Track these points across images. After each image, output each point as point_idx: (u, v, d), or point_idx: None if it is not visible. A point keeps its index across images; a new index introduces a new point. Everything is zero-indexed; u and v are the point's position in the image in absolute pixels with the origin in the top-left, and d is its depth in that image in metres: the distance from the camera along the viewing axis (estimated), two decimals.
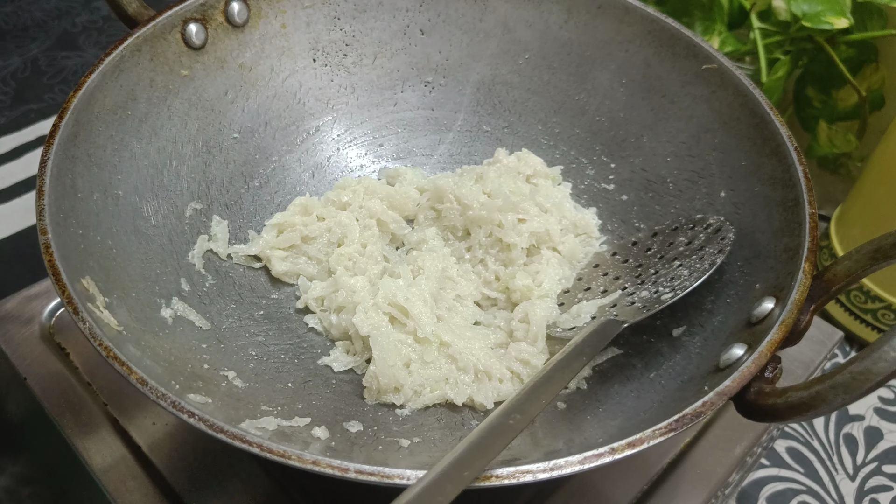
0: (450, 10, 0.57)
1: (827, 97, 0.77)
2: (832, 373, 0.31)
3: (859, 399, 0.31)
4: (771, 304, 0.39)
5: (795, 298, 0.38)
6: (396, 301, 0.46)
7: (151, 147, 0.49)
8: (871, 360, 0.30)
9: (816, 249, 0.40)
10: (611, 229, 0.54)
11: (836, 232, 0.76)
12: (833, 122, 0.77)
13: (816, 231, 0.41)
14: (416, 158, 0.59)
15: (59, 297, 0.36)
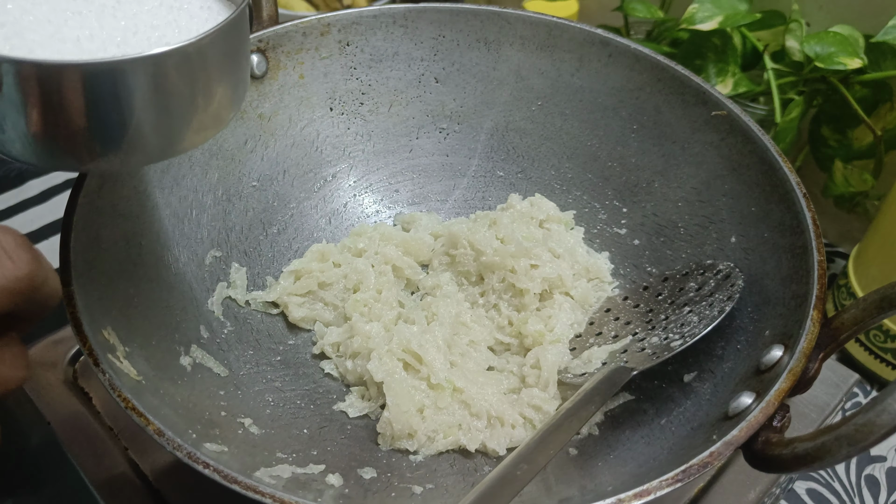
0: (464, 59, 0.58)
1: (842, 136, 0.77)
2: (837, 424, 0.31)
3: (865, 451, 0.31)
4: (779, 352, 0.39)
5: (803, 347, 0.38)
6: (410, 347, 0.47)
7: (173, 196, 0.50)
8: (874, 412, 0.30)
9: (824, 297, 0.40)
10: (623, 273, 0.54)
11: (854, 270, 0.75)
12: (849, 161, 0.77)
13: (825, 279, 0.41)
14: (432, 204, 0.60)
15: (81, 348, 0.38)
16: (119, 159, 0.35)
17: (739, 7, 0.73)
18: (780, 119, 0.74)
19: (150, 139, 0.34)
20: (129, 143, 0.33)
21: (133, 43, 0.34)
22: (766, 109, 0.75)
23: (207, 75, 0.35)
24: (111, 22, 0.35)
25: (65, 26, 0.34)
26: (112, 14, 0.35)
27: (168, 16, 0.36)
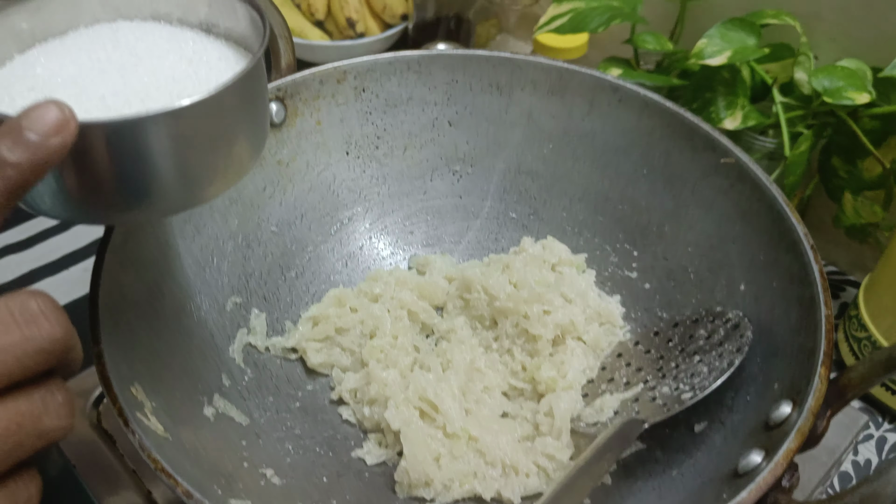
0: (476, 103, 0.60)
1: (852, 167, 0.77)
2: (843, 493, 0.32)
3: None
4: (788, 409, 0.40)
5: (811, 405, 0.39)
6: (427, 396, 0.48)
7: (195, 245, 0.52)
8: (880, 483, 0.31)
9: (832, 353, 0.41)
10: (634, 317, 0.55)
11: (864, 301, 0.76)
12: (859, 191, 0.77)
13: (832, 334, 0.42)
14: (446, 245, 0.61)
15: (111, 406, 0.39)
16: (144, 212, 0.36)
17: (748, 42, 0.73)
18: (789, 152, 0.74)
19: (174, 191, 0.35)
20: (154, 195, 0.35)
21: (155, 97, 0.35)
22: (775, 142, 0.76)
23: (228, 125, 0.36)
24: (134, 78, 0.36)
25: (90, 85, 0.35)
26: (134, 71, 0.36)
27: (187, 69, 0.37)
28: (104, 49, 0.37)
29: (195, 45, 0.39)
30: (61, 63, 0.36)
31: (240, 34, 0.40)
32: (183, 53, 0.38)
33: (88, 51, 0.37)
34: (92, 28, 0.39)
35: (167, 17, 0.41)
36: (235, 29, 0.40)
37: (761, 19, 0.75)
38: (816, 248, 0.47)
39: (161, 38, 0.39)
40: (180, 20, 0.41)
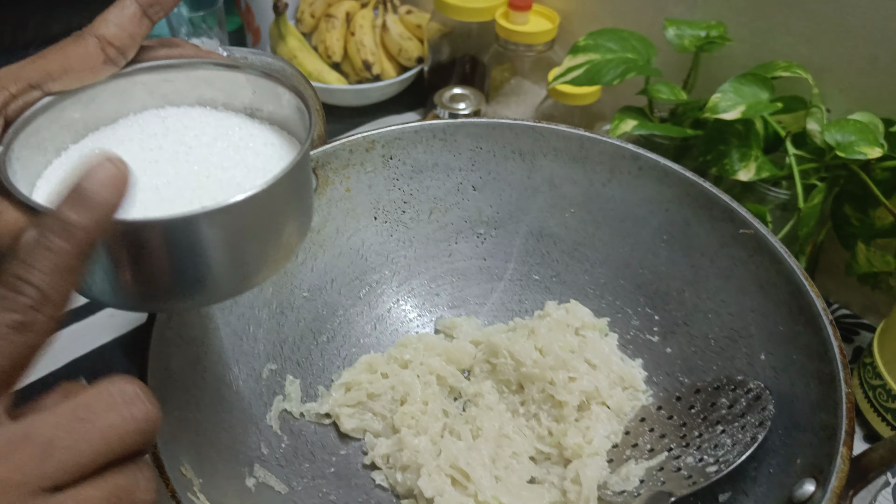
0: (500, 169, 0.61)
1: (864, 216, 0.79)
2: None
3: None
4: (812, 487, 0.42)
5: (834, 486, 0.40)
6: (458, 465, 0.49)
7: (232, 315, 0.54)
8: None
9: (853, 432, 0.43)
10: (656, 381, 0.57)
11: (879, 349, 0.77)
12: (872, 239, 0.79)
13: (853, 412, 0.44)
14: (471, 307, 0.63)
15: (164, 488, 0.41)
16: (195, 302, 0.37)
17: (762, 96, 0.75)
18: (802, 205, 0.76)
19: (226, 281, 0.36)
20: (206, 286, 0.35)
21: (206, 186, 0.36)
22: (788, 193, 0.78)
23: (279, 214, 0.36)
24: (185, 167, 0.37)
25: (143, 176, 0.36)
26: (185, 160, 0.37)
27: (235, 156, 0.39)
28: (154, 138, 0.39)
29: (241, 132, 0.41)
30: (117, 152, 0.38)
31: (282, 118, 0.42)
32: (230, 140, 0.40)
33: (140, 140, 0.39)
34: (141, 115, 0.40)
35: (212, 103, 0.42)
36: (278, 113, 0.42)
37: (772, 72, 0.77)
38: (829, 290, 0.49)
39: (208, 125, 0.40)
40: (225, 105, 0.42)
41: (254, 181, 0.37)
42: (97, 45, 0.36)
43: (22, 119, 0.35)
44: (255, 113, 0.42)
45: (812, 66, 0.76)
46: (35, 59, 0.36)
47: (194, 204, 0.35)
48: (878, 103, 0.75)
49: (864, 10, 0.69)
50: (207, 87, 0.41)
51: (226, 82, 0.41)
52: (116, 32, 0.36)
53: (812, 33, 0.75)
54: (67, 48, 0.36)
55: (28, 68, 0.35)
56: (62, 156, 0.38)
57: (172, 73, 0.40)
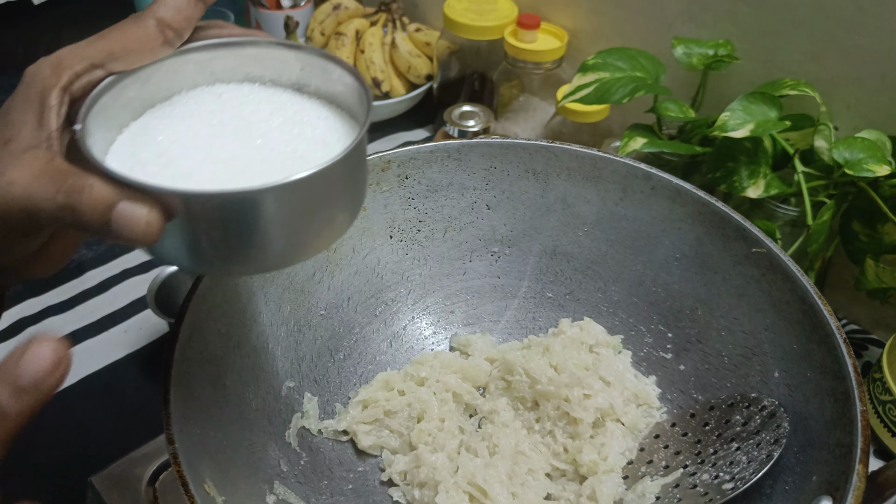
0: (514, 188, 0.62)
1: (873, 231, 0.80)
2: None
3: None
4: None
5: None
6: (476, 481, 0.50)
7: (251, 333, 0.54)
8: None
9: (869, 450, 0.43)
10: (670, 398, 0.58)
11: (888, 364, 0.78)
12: (880, 254, 0.79)
13: (868, 430, 0.44)
14: (485, 324, 0.63)
15: None
16: (256, 267, 0.38)
17: (770, 115, 0.76)
18: (811, 221, 0.77)
19: (284, 251, 0.37)
20: (274, 253, 0.36)
21: (272, 159, 0.37)
22: (797, 210, 0.78)
23: (346, 184, 0.38)
24: (249, 142, 0.38)
25: (211, 150, 0.37)
26: (247, 135, 0.38)
27: (293, 130, 0.39)
28: (213, 114, 0.39)
29: (294, 106, 0.41)
30: (178, 129, 0.38)
31: (331, 92, 0.42)
32: (286, 114, 0.40)
33: (199, 116, 0.39)
34: (193, 92, 0.41)
35: (260, 79, 0.42)
36: (326, 88, 0.42)
37: (780, 90, 0.78)
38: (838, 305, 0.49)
39: (262, 101, 0.41)
40: (273, 81, 0.43)
41: (315, 153, 0.38)
42: (156, 27, 0.37)
43: (90, 98, 0.36)
44: (303, 88, 0.43)
45: (820, 83, 0.77)
46: (97, 38, 0.36)
47: (265, 176, 0.36)
48: (885, 121, 0.76)
49: (871, 28, 0.70)
50: (255, 64, 0.42)
51: (273, 59, 0.42)
52: (174, 15, 0.37)
53: (819, 51, 0.76)
54: (128, 29, 0.37)
55: (91, 48, 0.36)
56: (124, 133, 0.39)
57: (222, 51, 0.41)
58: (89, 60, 0.36)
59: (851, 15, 0.71)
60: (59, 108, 0.35)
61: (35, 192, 0.32)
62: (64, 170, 0.33)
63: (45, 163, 0.33)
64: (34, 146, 0.34)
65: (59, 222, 0.33)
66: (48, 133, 0.35)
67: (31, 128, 0.34)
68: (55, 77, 0.35)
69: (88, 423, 0.74)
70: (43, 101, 0.35)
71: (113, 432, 0.73)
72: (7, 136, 0.34)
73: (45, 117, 0.35)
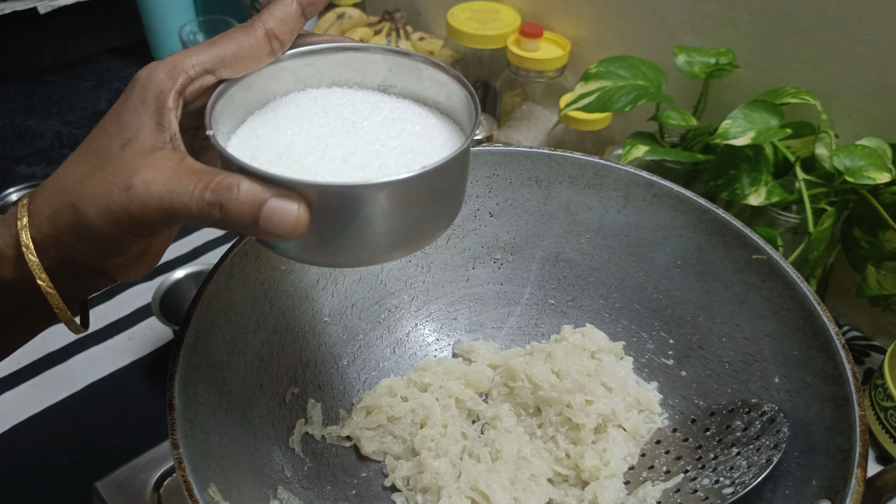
0: (516, 196, 0.63)
1: (874, 238, 0.80)
2: None
3: None
4: None
5: None
6: (478, 487, 0.50)
7: (256, 340, 0.55)
8: None
9: (867, 454, 0.44)
10: (671, 404, 0.58)
11: (889, 370, 0.78)
12: (882, 262, 0.80)
13: (867, 435, 0.44)
14: (488, 331, 0.64)
15: None
16: (373, 258, 0.38)
17: (771, 123, 0.77)
18: (813, 229, 0.77)
19: (396, 244, 0.38)
20: (392, 244, 0.37)
21: (386, 153, 0.38)
22: (798, 218, 0.79)
23: (457, 180, 0.39)
24: (358, 139, 0.39)
25: (327, 149, 0.38)
26: (356, 132, 0.39)
27: (396, 126, 0.40)
28: (317, 116, 0.40)
29: (388, 105, 0.42)
30: (288, 131, 0.39)
31: (418, 92, 0.43)
32: (384, 113, 0.41)
33: (305, 118, 0.40)
34: (287, 97, 0.42)
35: (347, 83, 0.43)
36: (414, 87, 0.43)
37: (781, 98, 0.78)
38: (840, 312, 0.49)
39: (356, 101, 0.42)
40: (359, 84, 0.44)
41: (424, 146, 0.39)
42: (265, 37, 0.38)
43: (211, 103, 0.37)
44: (388, 89, 0.44)
45: (820, 92, 0.77)
46: (208, 45, 0.37)
47: (385, 168, 0.37)
48: (886, 128, 0.76)
49: (871, 37, 0.71)
50: (344, 68, 0.43)
51: (362, 63, 0.43)
52: (281, 27, 0.38)
53: (820, 60, 0.76)
54: (240, 38, 0.38)
55: (204, 54, 0.37)
56: (232, 139, 0.40)
57: (314, 57, 0.42)
58: (202, 65, 0.37)
59: (852, 24, 0.72)
60: (176, 111, 0.36)
61: (177, 189, 0.33)
62: (202, 169, 0.34)
63: (177, 163, 0.34)
64: (159, 147, 0.35)
65: (204, 220, 0.33)
66: (171, 134, 0.36)
67: (150, 129, 0.35)
68: (171, 80, 0.36)
69: (93, 429, 0.74)
70: (161, 103, 0.36)
71: (118, 439, 0.74)
72: (126, 138, 0.35)
73: (164, 119, 0.36)
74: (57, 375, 0.81)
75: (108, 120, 0.36)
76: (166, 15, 1.08)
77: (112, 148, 0.35)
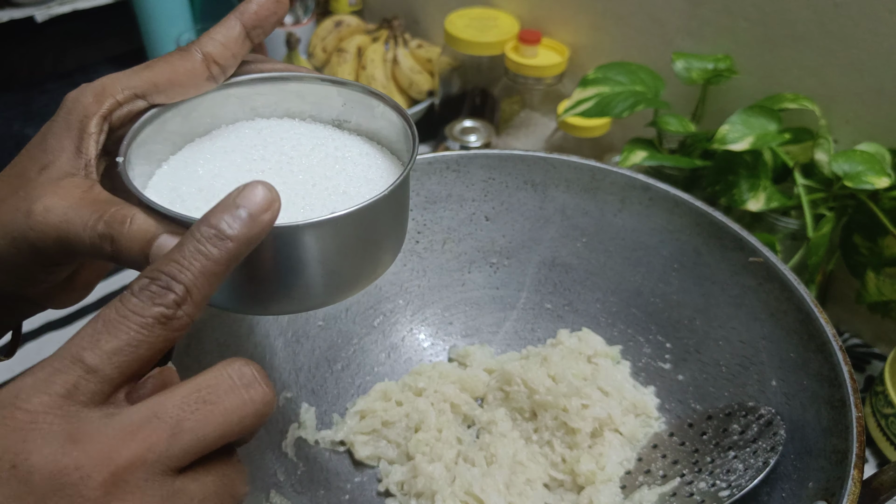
0: (512, 199, 0.63)
1: (873, 244, 0.80)
2: None
3: None
4: None
5: None
6: (472, 491, 0.50)
7: (249, 343, 0.55)
8: None
9: (864, 455, 0.43)
10: (668, 409, 0.58)
11: (890, 377, 0.77)
12: (881, 268, 0.79)
13: (864, 436, 0.44)
14: (484, 335, 0.63)
15: None
16: (296, 306, 0.36)
17: (769, 128, 0.76)
18: (812, 234, 0.77)
19: (326, 290, 0.36)
20: (306, 295, 0.35)
21: (315, 195, 0.36)
22: (797, 223, 0.78)
23: (389, 222, 0.37)
24: (291, 177, 0.37)
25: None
26: (289, 170, 0.38)
27: (336, 165, 0.39)
28: (255, 149, 0.39)
29: (335, 142, 0.41)
30: (218, 164, 0.38)
31: (373, 129, 0.42)
32: (327, 150, 0.40)
33: (241, 151, 0.39)
34: (233, 126, 0.41)
35: (300, 115, 0.42)
36: (368, 124, 0.42)
37: (780, 104, 0.78)
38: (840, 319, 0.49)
39: (302, 136, 0.41)
40: (313, 117, 0.42)
41: (358, 188, 0.37)
42: (202, 62, 0.37)
43: (133, 130, 0.36)
44: (343, 124, 0.42)
45: (819, 97, 0.77)
46: (142, 69, 0.36)
47: (308, 210, 0.35)
48: (884, 134, 0.76)
49: (869, 43, 0.70)
50: (297, 99, 0.42)
51: (316, 95, 0.41)
52: (221, 51, 0.37)
53: (818, 66, 0.76)
54: (175, 62, 0.36)
55: (135, 77, 0.36)
56: (163, 166, 0.38)
57: (264, 86, 0.40)
58: (132, 90, 0.36)
59: (849, 30, 0.72)
60: (98, 136, 0.35)
61: (73, 219, 0.32)
62: (104, 199, 0.32)
63: (84, 191, 0.33)
64: (72, 173, 0.34)
65: (96, 252, 0.32)
66: (86, 160, 0.34)
67: (69, 154, 0.34)
68: (97, 104, 0.35)
69: None
70: (83, 128, 0.34)
71: None
72: (44, 162, 0.34)
73: (83, 144, 0.34)
74: None
75: (34, 142, 0.35)
76: (164, 23, 1.09)
77: (30, 172, 0.34)
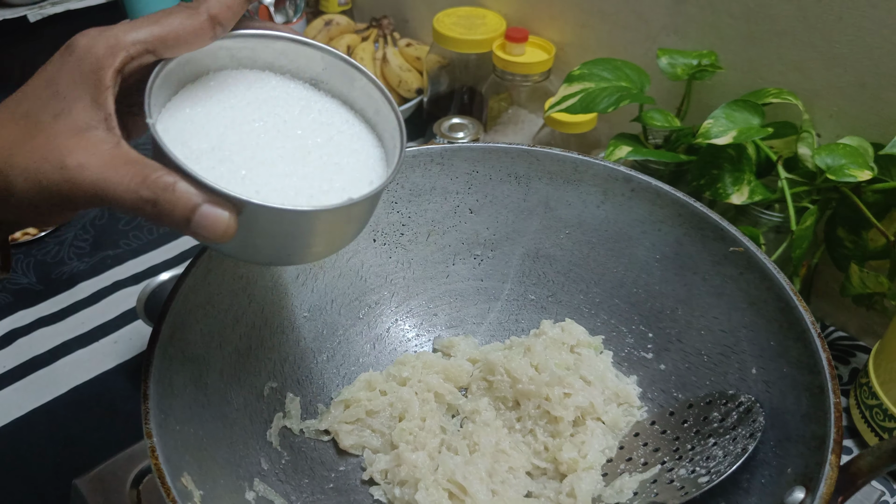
0: (496, 192, 0.63)
1: (857, 237, 0.80)
2: None
3: None
4: (801, 495, 0.42)
5: (823, 493, 0.41)
6: (455, 479, 0.50)
7: (234, 334, 0.55)
8: None
9: (842, 441, 0.43)
10: (651, 398, 0.58)
11: (874, 369, 0.78)
12: (865, 261, 0.80)
13: (841, 422, 0.44)
14: (468, 326, 0.64)
15: (165, 498, 0.41)
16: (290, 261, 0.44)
17: (753, 122, 0.77)
18: (795, 227, 0.77)
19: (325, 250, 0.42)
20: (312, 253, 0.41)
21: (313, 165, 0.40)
22: (781, 217, 0.79)
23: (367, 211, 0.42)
24: (288, 142, 0.40)
25: (257, 148, 0.39)
26: (285, 133, 0.41)
27: (324, 133, 0.42)
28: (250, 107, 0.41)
29: (318, 104, 0.44)
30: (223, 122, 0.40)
31: (349, 97, 0.45)
32: (312, 113, 0.43)
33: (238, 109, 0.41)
34: (221, 74, 0.43)
35: (280, 70, 0.44)
36: (345, 92, 0.45)
37: (763, 98, 0.78)
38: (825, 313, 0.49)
39: (289, 96, 0.43)
40: (291, 73, 0.45)
41: (348, 160, 0.42)
42: (208, 21, 0.38)
43: (150, 88, 0.37)
44: (319, 84, 0.45)
45: (802, 92, 0.78)
46: (150, 24, 0.37)
47: (309, 180, 0.39)
48: (866, 128, 0.77)
49: (851, 38, 0.71)
50: (280, 56, 0.44)
51: (299, 55, 0.44)
52: (224, 11, 0.39)
53: (801, 61, 0.77)
54: (184, 20, 0.38)
55: (144, 30, 0.37)
56: (163, 113, 0.40)
57: (253, 41, 0.42)
58: (143, 45, 0.37)
59: (832, 25, 0.73)
60: (114, 90, 0.36)
61: (112, 179, 0.33)
62: (136, 159, 0.34)
63: (112, 148, 0.34)
64: (93, 126, 0.35)
65: (136, 212, 0.34)
66: (106, 114, 0.35)
67: (84, 104, 0.35)
68: (111, 57, 0.35)
69: (77, 432, 0.74)
70: (99, 79, 0.35)
71: (102, 442, 0.73)
72: (57, 109, 0.35)
73: (101, 97, 0.35)
74: (41, 379, 0.81)
75: (38, 83, 0.36)
76: None
77: (42, 116, 0.35)
